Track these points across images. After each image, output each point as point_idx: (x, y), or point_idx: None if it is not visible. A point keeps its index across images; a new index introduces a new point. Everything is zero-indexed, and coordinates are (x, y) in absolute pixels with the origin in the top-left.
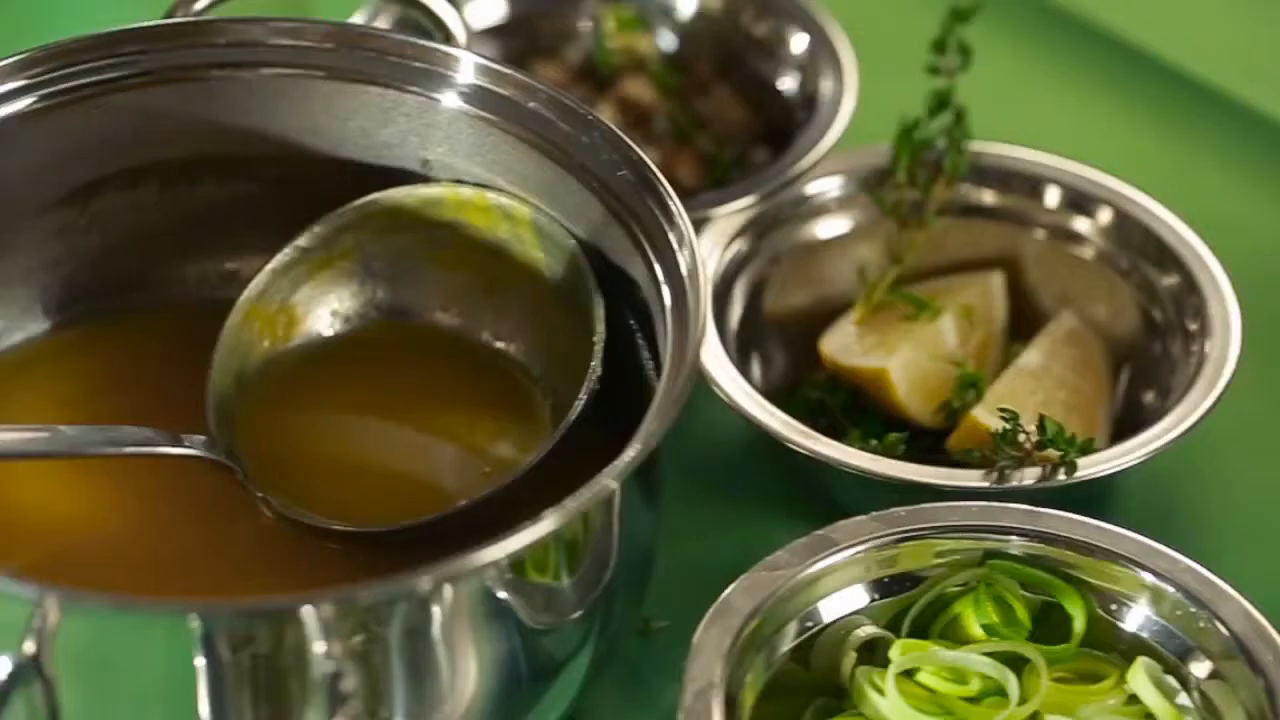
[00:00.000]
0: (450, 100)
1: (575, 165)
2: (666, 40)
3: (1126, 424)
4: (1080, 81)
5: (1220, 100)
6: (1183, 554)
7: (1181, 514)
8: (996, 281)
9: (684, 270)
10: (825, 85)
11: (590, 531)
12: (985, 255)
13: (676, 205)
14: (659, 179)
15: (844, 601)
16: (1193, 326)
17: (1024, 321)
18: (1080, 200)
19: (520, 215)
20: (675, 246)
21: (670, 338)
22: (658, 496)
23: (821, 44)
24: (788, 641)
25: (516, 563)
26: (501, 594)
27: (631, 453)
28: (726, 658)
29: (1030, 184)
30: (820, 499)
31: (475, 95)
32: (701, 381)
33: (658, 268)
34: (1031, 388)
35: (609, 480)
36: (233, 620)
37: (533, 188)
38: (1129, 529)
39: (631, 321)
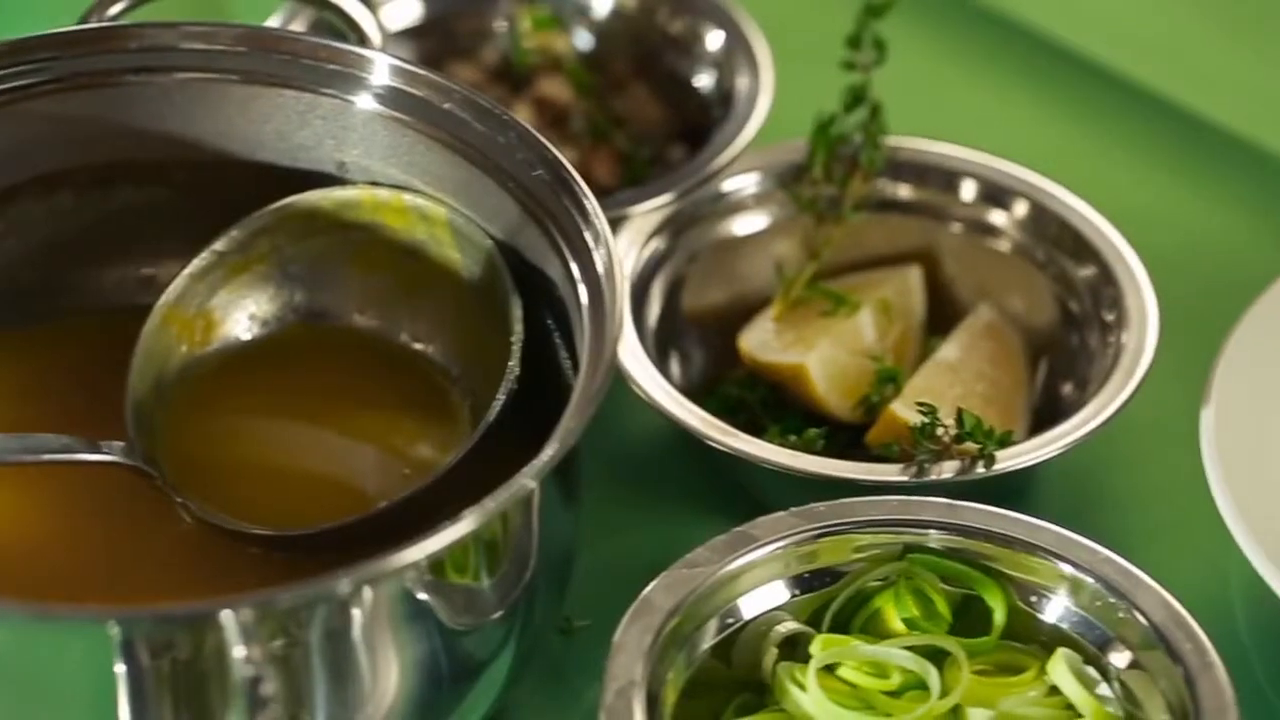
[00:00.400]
0: (365, 102)
1: (491, 165)
2: (583, 39)
3: (1045, 416)
4: (996, 75)
5: (1136, 92)
6: (1102, 545)
7: (1101, 505)
8: (914, 276)
9: (600, 269)
10: (741, 82)
11: (510, 531)
12: (902, 250)
13: (592, 204)
14: (574, 178)
15: (764, 598)
16: (1109, 317)
17: (942, 315)
18: (996, 193)
19: (437, 216)
20: (591, 245)
21: (587, 336)
22: (577, 495)
23: (737, 41)
24: (709, 639)
25: (436, 564)
26: (422, 595)
27: (549, 452)
28: (647, 656)
29: (946, 178)
30: (740, 495)
31: (390, 97)
32: (620, 380)
33: (574, 267)
34: (950, 381)
35: (527, 480)
36: (152, 626)
37: (449, 189)
38: (1048, 521)
39: (549, 321)
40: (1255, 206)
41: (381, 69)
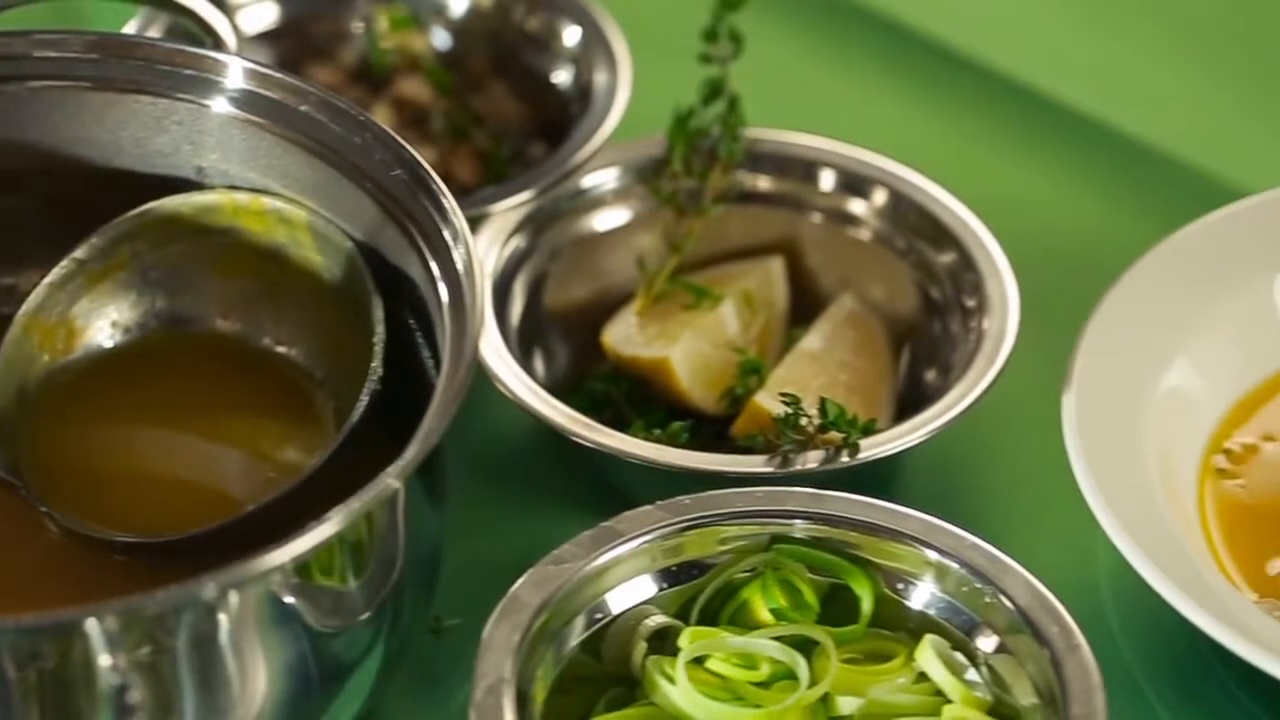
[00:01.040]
0: (221, 106)
1: (349, 167)
2: (440, 38)
3: (909, 403)
4: (854, 65)
5: (993, 78)
6: (968, 531)
7: (967, 491)
8: (776, 267)
9: (460, 267)
10: (599, 78)
11: (375, 532)
12: (764, 241)
13: (450, 203)
14: (432, 177)
15: (632, 592)
16: (971, 303)
17: (805, 305)
18: (855, 182)
19: (296, 219)
20: (450, 244)
21: (448, 335)
22: (443, 494)
23: (594, 36)
24: (577, 634)
25: (302, 566)
26: (288, 598)
27: (412, 451)
28: (516, 653)
29: (805, 168)
30: (607, 491)
31: (246, 100)
32: (484, 378)
33: (434, 266)
34: (813, 371)
35: (391, 479)
36: (16, 637)
37: (308, 191)
38: (914, 508)
39: (411, 321)
40: (1113, 190)
41: (236, 73)
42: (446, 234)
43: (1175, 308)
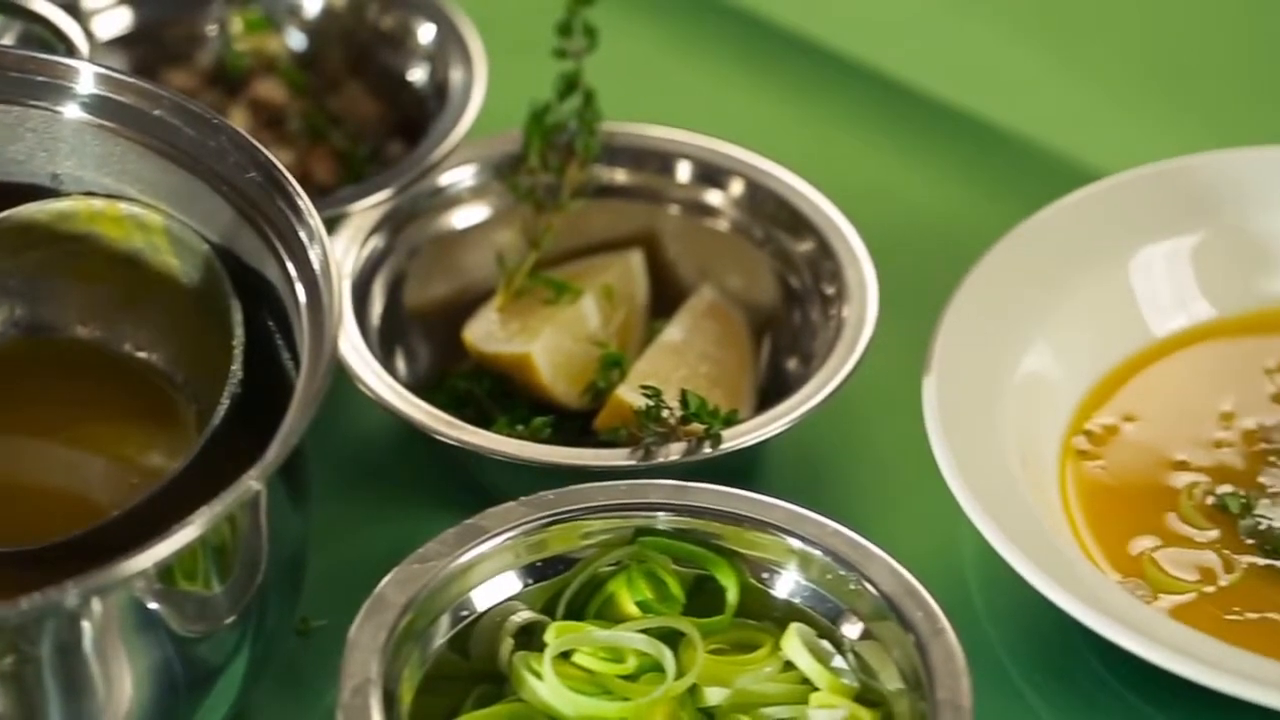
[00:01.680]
0: (74, 112)
1: (204, 170)
2: (296, 39)
3: (771, 393)
4: (709, 56)
5: (849, 67)
6: (831, 519)
7: (831, 479)
8: (635, 260)
9: (316, 267)
10: (455, 75)
11: (238, 534)
12: (623, 234)
13: (305, 203)
14: (287, 178)
15: (497, 588)
16: (830, 291)
17: (666, 298)
18: (712, 174)
19: (153, 224)
20: (306, 244)
21: (307, 335)
22: (306, 495)
23: (449, 33)
24: (444, 632)
25: (164, 571)
26: (152, 604)
27: (273, 452)
28: (382, 653)
29: (662, 161)
30: (473, 488)
31: (99, 106)
32: (345, 378)
33: (291, 267)
34: (675, 364)
35: (252, 481)
36: None
37: (163, 195)
38: (778, 498)
39: (270, 323)
40: (969, 175)
41: (88, 78)
42: (302, 234)
43: (1033, 291)
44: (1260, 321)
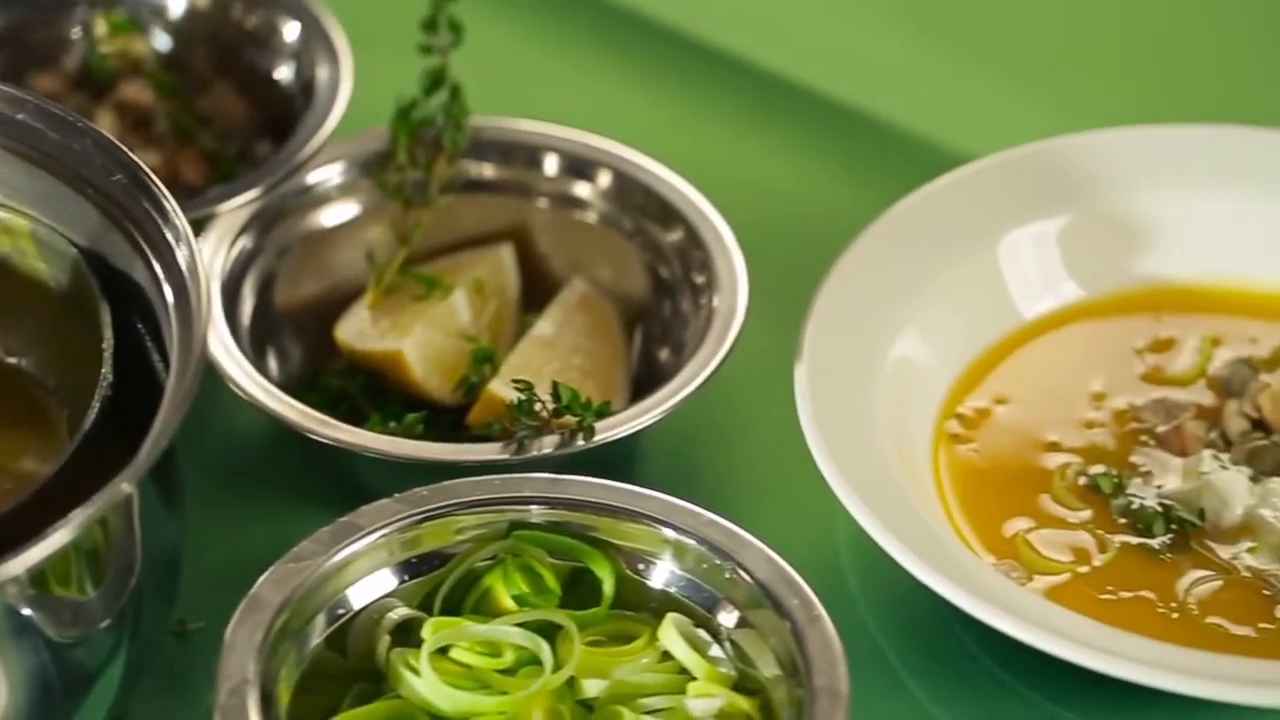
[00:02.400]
0: None
1: (69, 174)
2: (161, 41)
3: (644, 384)
4: (575, 49)
5: (714, 56)
6: (706, 509)
7: (705, 469)
8: (506, 254)
9: (184, 268)
10: (321, 73)
11: (110, 537)
12: (493, 229)
13: (171, 204)
14: (152, 180)
15: (373, 586)
16: (700, 280)
17: (537, 291)
18: (580, 166)
19: (19, 228)
20: (173, 245)
21: (176, 336)
22: (179, 497)
23: (314, 31)
24: (320, 631)
25: (37, 576)
26: (25, 609)
27: (144, 454)
28: (259, 653)
29: (530, 154)
30: (349, 486)
31: None
32: (217, 378)
33: (158, 268)
34: (547, 357)
35: (123, 484)
36: None
37: (29, 199)
38: (654, 489)
39: (140, 325)
40: (836, 163)
41: None
42: (169, 235)
43: (902, 276)
44: (1128, 302)
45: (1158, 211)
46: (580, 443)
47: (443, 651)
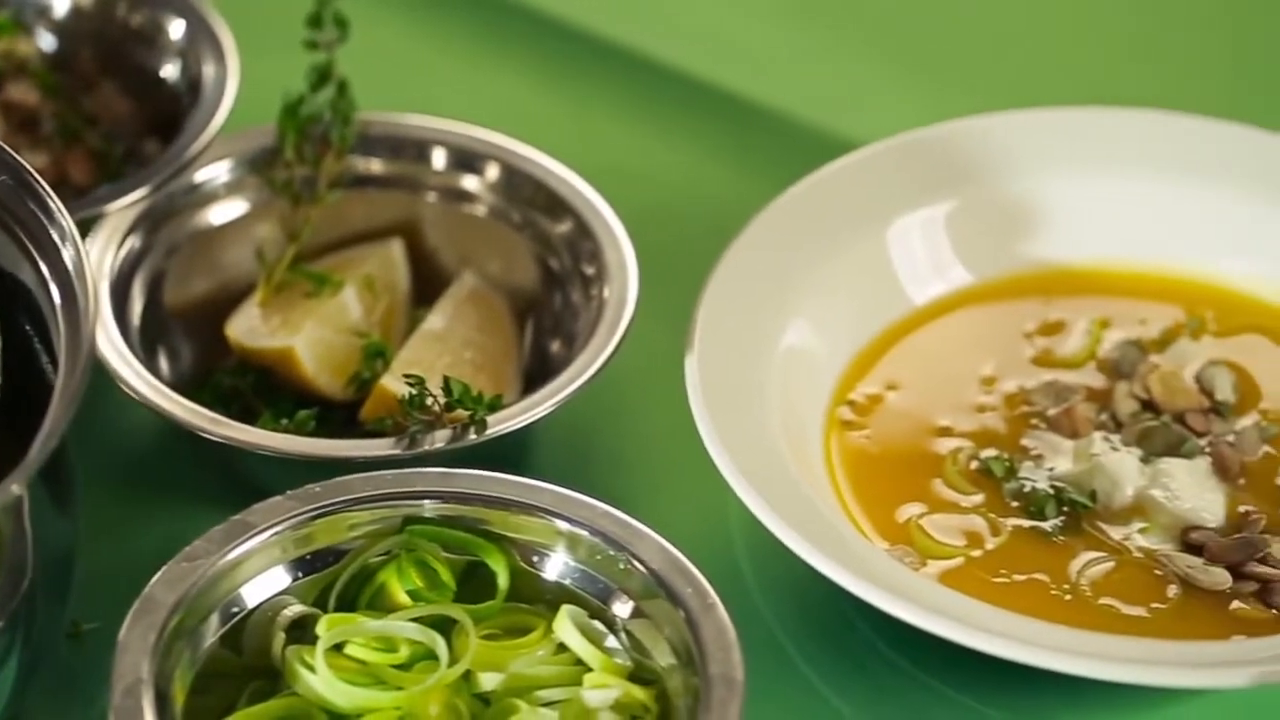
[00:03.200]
0: None
1: None
2: (46, 40)
3: (536, 376)
4: (461, 42)
5: (602, 47)
6: (600, 500)
7: (598, 460)
8: (396, 249)
9: (70, 268)
10: (208, 70)
11: (1, 539)
12: (383, 224)
13: (56, 204)
14: (36, 180)
15: (267, 584)
16: (590, 271)
17: (428, 286)
18: (468, 160)
19: None
20: (59, 245)
21: (64, 336)
22: (71, 498)
23: (199, 28)
24: (214, 630)
25: None
26: None
27: (33, 455)
28: (153, 653)
29: (418, 148)
30: (242, 484)
31: None
32: (107, 379)
33: (45, 268)
34: (438, 351)
35: (13, 486)
36: None
37: None
38: (548, 481)
39: (28, 326)
40: (725, 151)
41: None
42: (54, 235)
43: (792, 264)
44: (1017, 285)
45: (1046, 195)
46: (473, 436)
47: (338, 648)
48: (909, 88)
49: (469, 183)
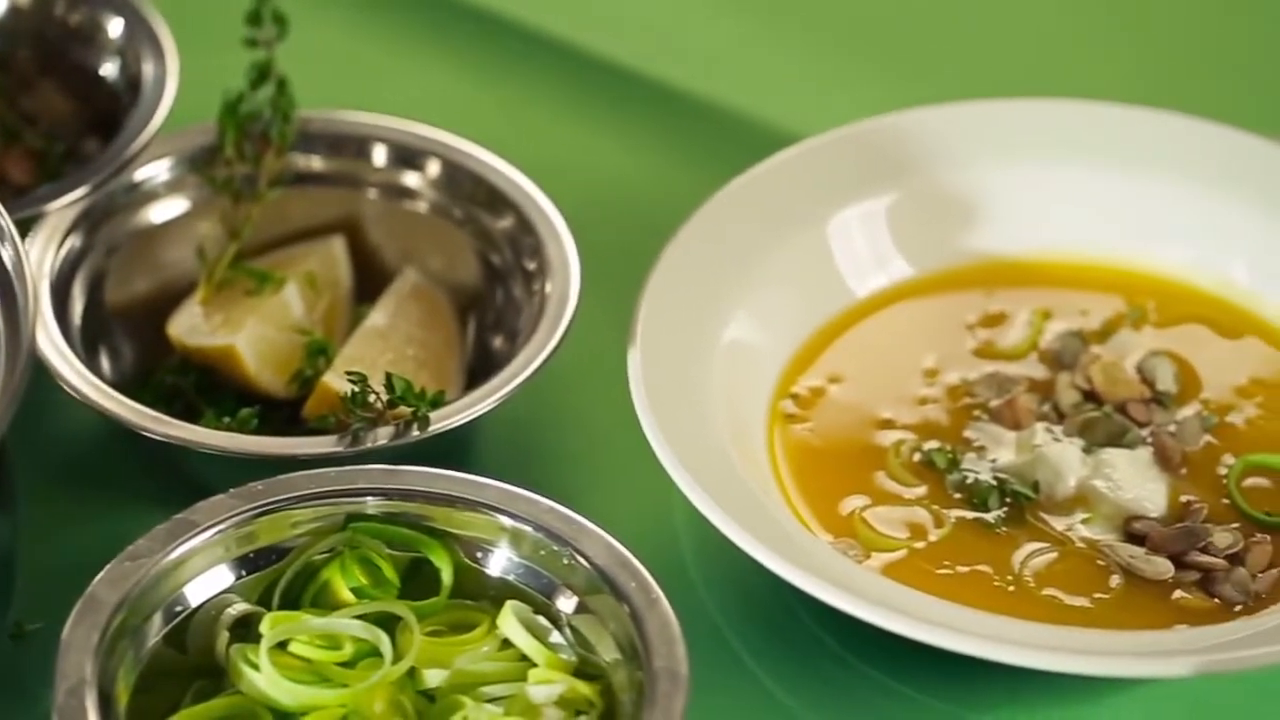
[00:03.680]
0: None
1: None
2: None
3: (479, 372)
4: (400, 39)
5: (542, 43)
6: (544, 495)
7: (543, 456)
8: (337, 246)
9: (9, 267)
10: (147, 68)
11: None
12: (324, 221)
13: None
14: None
15: (211, 582)
16: (532, 267)
17: (370, 282)
18: (408, 156)
19: None
20: None
21: (3, 336)
22: (12, 498)
23: (138, 27)
24: (158, 629)
25: None
26: None
27: None
28: (96, 653)
29: (358, 145)
30: (185, 483)
31: None
32: (48, 379)
33: None
34: (381, 348)
35: None
36: None
37: None
38: (492, 477)
39: None
40: (666, 145)
41: None
42: None
43: (733, 258)
44: (957, 278)
45: (986, 187)
46: (415, 433)
47: (282, 646)
48: (849, 81)
49: (410, 179)
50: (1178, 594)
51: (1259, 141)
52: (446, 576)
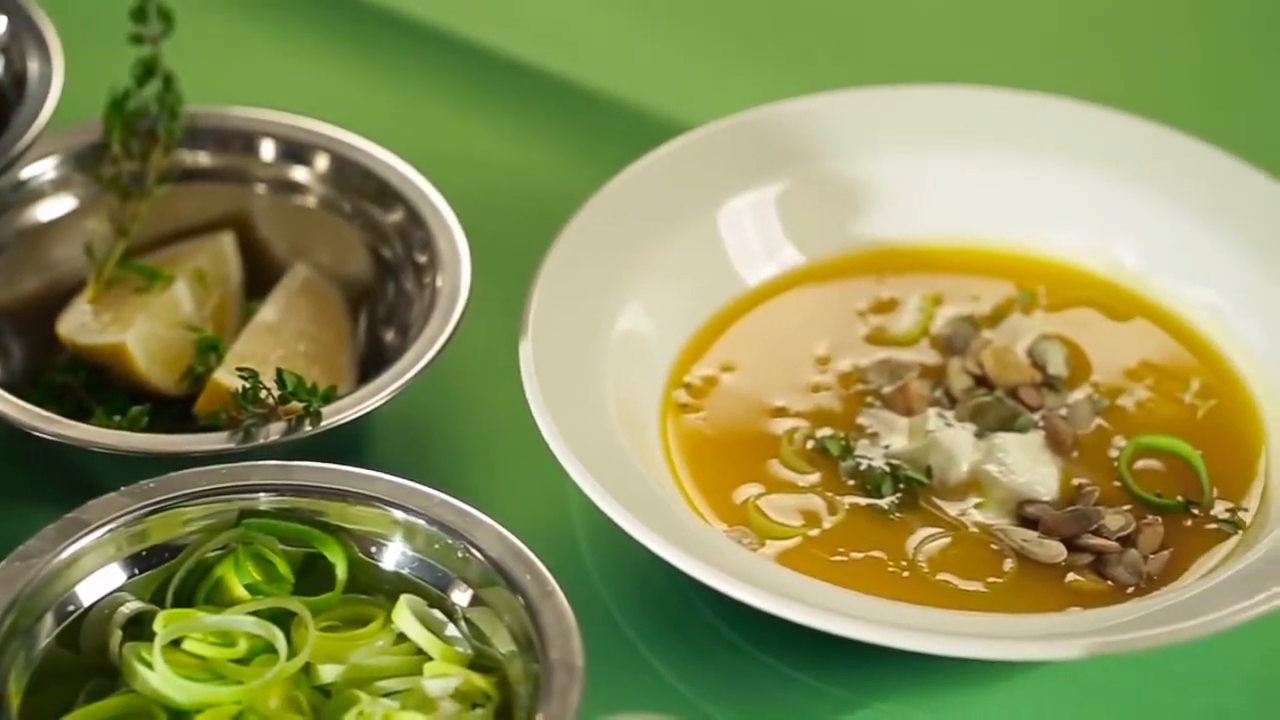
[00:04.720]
0: None
1: None
2: None
3: (372, 366)
4: (288, 33)
5: (430, 35)
6: (437, 489)
7: (437, 449)
8: (227, 242)
9: None
10: (32, 67)
11: None
12: (213, 217)
13: None
14: None
15: (103, 581)
16: (422, 260)
17: (260, 278)
18: (296, 151)
19: None
20: None
21: None
22: None
23: (22, 24)
24: (50, 629)
25: None
26: None
27: None
28: None
29: (246, 141)
30: (77, 482)
31: None
32: None
33: None
34: (272, 344)
35: None
36: None
37: None
38: (387, 471)
39: None
40: (556, 137)
41: None
42: None
43: (624, 248)
44: (848, 265)
45: (875, 174)
46: (308, 428)
47: (176, 644)
48: (737, 70)
49: (298, 174)
50: (1071, 577)
51: (1145, 125)
52: (341, 571)
